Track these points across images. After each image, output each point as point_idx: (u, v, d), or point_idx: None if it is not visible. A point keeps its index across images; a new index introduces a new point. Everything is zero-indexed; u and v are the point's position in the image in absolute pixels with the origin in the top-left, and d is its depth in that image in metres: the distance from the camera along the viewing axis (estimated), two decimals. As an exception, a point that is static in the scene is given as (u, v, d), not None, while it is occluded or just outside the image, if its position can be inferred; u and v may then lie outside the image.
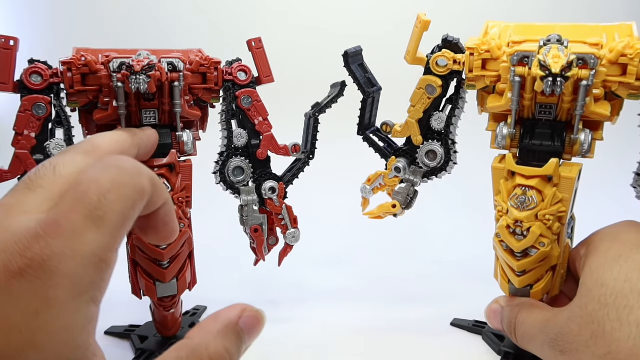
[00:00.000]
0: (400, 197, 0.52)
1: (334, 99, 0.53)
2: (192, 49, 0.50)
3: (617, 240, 0.37)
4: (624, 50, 0.38)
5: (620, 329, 0.32)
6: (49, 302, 0.18)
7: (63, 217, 0.20)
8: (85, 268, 0.19)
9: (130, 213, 0.22)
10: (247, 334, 0.23)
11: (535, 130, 0.42)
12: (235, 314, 0.23)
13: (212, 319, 0.23)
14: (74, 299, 0.19)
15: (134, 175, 0.22)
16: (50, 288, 0.18)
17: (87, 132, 0.48)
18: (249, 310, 0.24)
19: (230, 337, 0.23)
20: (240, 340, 0.23)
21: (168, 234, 0.27)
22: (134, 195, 0.22)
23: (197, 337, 0.22)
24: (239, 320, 0.23)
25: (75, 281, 0.19)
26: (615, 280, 0.34)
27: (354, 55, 0.50)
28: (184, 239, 0.47)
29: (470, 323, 0.54)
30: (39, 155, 0.45)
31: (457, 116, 0.49)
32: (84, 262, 0.19)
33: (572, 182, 0.41)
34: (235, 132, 0.50)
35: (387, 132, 0.52)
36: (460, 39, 0.46)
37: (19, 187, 0.23)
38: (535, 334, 0.39)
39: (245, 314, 0.24)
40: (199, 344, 0.22)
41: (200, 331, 0.23)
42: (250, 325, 0.24)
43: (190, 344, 0.22)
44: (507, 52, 0.40)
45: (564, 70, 0.36)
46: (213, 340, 0.22)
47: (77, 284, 0.19)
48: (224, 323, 0.23)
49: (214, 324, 0.23)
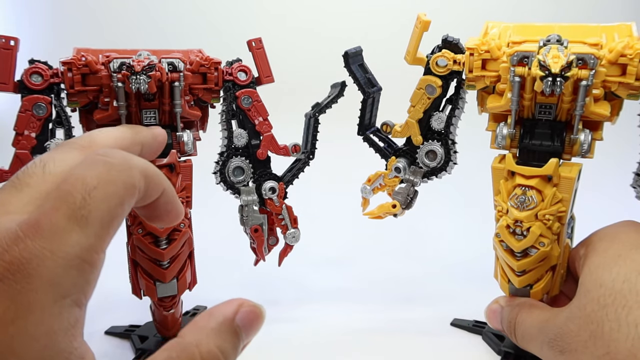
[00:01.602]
0: (400, 197, 0.52)
1: (334, 99, 0.53)
2: (192, 49, 0.50)
3: (616, 240, 0.37)
4: (623, 50, 0.38)
5: (618, 330, 0.32)
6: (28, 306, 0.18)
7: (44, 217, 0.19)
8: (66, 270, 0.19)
9: (117, 211, 0.21)
10: (244, 330, 0.22)
11: (535, 130, 0.42)
12: (232, 310, 0.22)
13: (207, 314, 0.22)
14: (55, 302, 0.18)
15: (123, 170, 0.21)
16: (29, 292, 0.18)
17: (87, 132, 0.48)
18: (247, 305, 0.22)
19: (225, 335, 0.21)
20: (237, 337, 0.22)
21: (172, 219, 0.26)
22: (122, 192, 0.21)
23: (190, 335, 0.21)
24: (236, 316, 0.22)
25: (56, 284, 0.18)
26: (614, 281, 0.34)
27: (354, 56, 0.50)
28: (184, 239, 0.47)
29: (470, 323, 0.54)
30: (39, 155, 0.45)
31: (457, 116, 0.49)
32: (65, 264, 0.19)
33: (571, 182, 0.41)
34: (235, 132, 0.51)
35: (387, 132, 0.52)
36: (460, 39, 0.46)
37: (6, 186, 0.22)
38: (534, 333, 0.39)
39: (242, 309, 0.22)
40: (190, 342, 0.21)
41: (193, 328, 0.21)
42: (248, 321, 0.22)
43: (181, 343, 0.21)
44: (506, 53, 0.40)
45: (564, 70, 0.37)
46: (206, 338, 0.21)
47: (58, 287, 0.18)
48: (219, 320, 0.21)
49: (208, 321, 0.21)
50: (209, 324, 0.21)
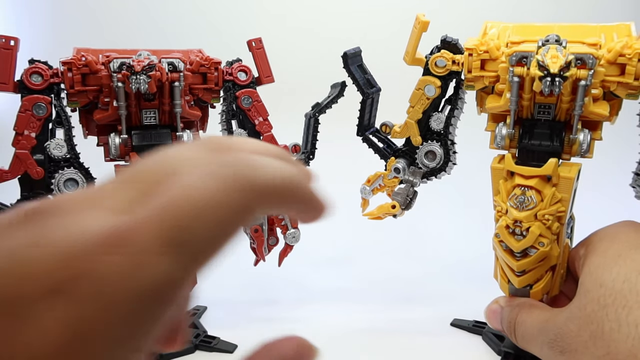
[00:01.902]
0: (399, 197, 0.52)
1: (334, 100, 0.53)
2: (192, 49, 0.50)
3: (616, 240, 0.37)
4: (622, 50, 0.38)
5: (619, 330, 0.32)
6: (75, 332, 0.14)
7: (133, 231, 0.15)
8: (136, 302, 0.15)
9: (223, 243, 0.16)
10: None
11: (534, 130, 0.42)
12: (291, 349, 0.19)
13: (266, 351, 0.19)
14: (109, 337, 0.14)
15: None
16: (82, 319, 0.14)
17: (87, 132, 0.48)
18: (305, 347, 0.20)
19: None
20: None
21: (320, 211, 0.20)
22: (238, 219, 0.16)
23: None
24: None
25: (117, 316, 0.14)
26: (614, 281, 0.34)
27: (353, 57, 0.50)
28: None
29: (470, 323, 0.54)
30: (39, 155, 0.45)
31: (456, 116, 0.49)
32: (137, 295, 0.15)
33: (571, 182, 0.41)
34: (235, 132, 0.51)
35: (386, 132, 0.52)
36: (459, 40, 0.46)
37: (121, 172, 0.18)
38: (534, 334, 0.39)
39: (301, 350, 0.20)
40: None
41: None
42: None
43: None
44: (505, 53, 0.40)
45: (562, 70, 0.36)
46: None
47: (118, 321, 0.14)
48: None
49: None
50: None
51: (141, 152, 0.46)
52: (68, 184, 0.46)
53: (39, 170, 0.45)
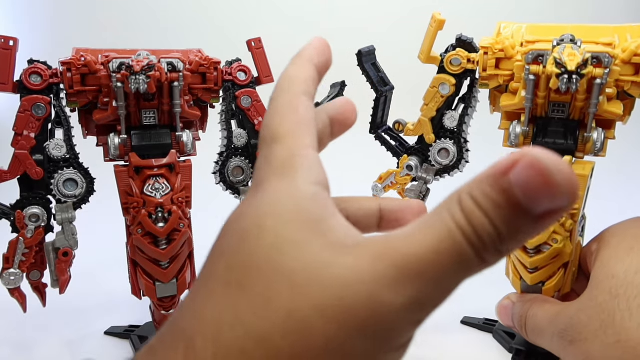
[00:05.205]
0: (412, 194, 0.52)
1: (334, 99, 0.53)
2: (191, 49, 0.50)
3: (629, 235, 0.38)
4: (637, 50, 0.39)
5: (630, 319, 0.32)
6: None
7: None
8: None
9: None
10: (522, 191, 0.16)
11: (548, 129, 0.43)
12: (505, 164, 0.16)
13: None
14: None
15: None
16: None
17: (86, 132, 0.48)
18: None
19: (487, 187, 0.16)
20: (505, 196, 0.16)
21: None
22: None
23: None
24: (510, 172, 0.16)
25: None
26: (626, 272, 0.34)
27: (368, 55, 0.51)
28: (183, 239, 0.46)
29: (481, 321, 0.54)
30: (39, 156, 0.45)
31: (470, 115, 0.49)
32: None
33: (585, 180, 0.41)
34: (235, 132, 0.50)
35: (399, 130, 0.52)
36: (474, 39, 0.47)
37: None
38: (545, 326, 0.39)
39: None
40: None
41: None
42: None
43: None
44: (521, 51, 0.41)
45: (580, 67, 0.37)
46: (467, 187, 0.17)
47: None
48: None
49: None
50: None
51: (141, 152, 0.45)
52: (67, 184, 0.45)
53: (39, 170, 0.44)
